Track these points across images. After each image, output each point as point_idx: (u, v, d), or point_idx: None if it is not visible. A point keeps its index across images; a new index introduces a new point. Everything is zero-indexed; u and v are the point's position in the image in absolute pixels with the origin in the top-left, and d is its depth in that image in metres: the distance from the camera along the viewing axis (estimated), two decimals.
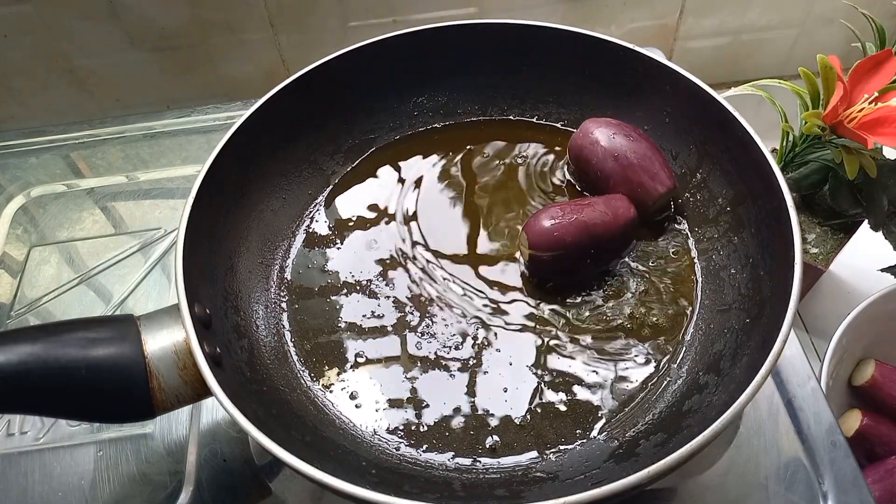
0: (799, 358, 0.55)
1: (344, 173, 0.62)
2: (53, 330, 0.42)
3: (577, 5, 0.88)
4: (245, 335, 0.49)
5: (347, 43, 0.58)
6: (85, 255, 0.66)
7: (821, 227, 0.70)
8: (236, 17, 0.84)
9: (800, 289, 0.42)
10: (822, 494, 0.48)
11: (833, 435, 0.51)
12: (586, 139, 0.56)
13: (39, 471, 0.52)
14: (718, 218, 0.54)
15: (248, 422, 0.39)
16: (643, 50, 0.57)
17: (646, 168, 0.54)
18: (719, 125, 0.52)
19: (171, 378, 0.42)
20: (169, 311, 0.44)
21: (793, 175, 0.67)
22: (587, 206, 0.52)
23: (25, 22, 0.81)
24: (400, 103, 0.63)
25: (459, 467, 0.45)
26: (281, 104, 0.56)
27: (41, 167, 0.74)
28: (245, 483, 0.51)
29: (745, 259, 0.50)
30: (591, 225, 0.51)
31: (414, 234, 0.57)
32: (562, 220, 0.51)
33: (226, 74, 0.91)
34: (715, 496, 0.49)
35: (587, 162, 0.56)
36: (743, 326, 0.47)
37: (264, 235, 0.56)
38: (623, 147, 0.54)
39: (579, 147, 0.56)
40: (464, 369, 0.49)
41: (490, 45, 0.61)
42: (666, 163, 0.55)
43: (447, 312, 0.52)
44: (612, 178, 0.55)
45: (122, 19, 0.83)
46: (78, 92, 0.90)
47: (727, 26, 0.93)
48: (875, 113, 0.55)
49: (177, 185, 0.71)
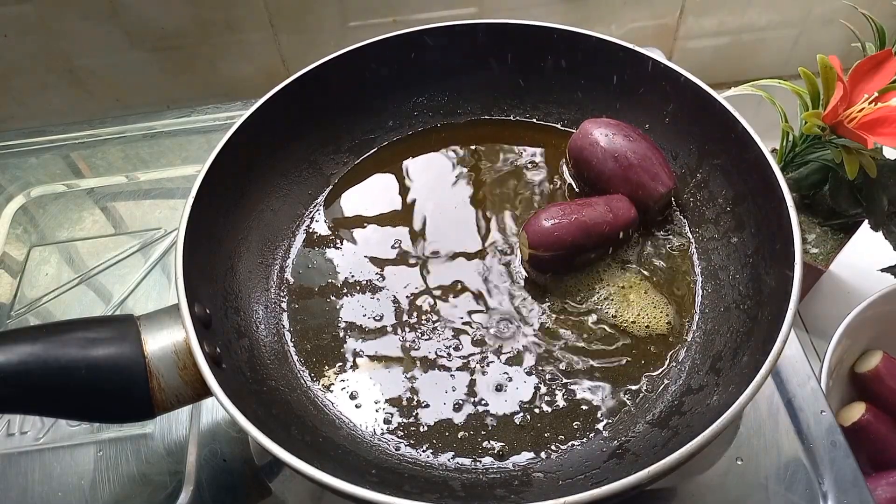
0: (799, 358, 0.55)
1: (344, 173, 0.62)
2: (53, 330, 0.42)
3: (577, 5, 0.88)
4: (245, 335, 0.49)
5: (347, 43, 0.58)
6: (85, 255, 0.66)
7: (821, 227, 0.70)
8: (236, 16, 0.84)
9: (800, 289, 0.42)
10: (822, 494, 0.48)
11: (833, 435, 0.51)
12: (586, 140, 0.56)
13: (39, 471, 0.52)
14: (718, 218, 0.54)
15: (248, 422, 0.39)
16: (643, 50, 0.57)
17: (646, 168, 0.54)
18: (719, 125, 0.52)
19: (171, 378, 0.42)
20: (169, 311, 0.44)
21: (793, 175, 0.67)
22: (587, 206, 0.52)
23: (25, 22, 0.81)
24: (400, 103, 0.63)
25: (459, 467, 0.45)
26: (281, 104, 0.56)
27: (41, 167, 0.74)
28: (245, 483, 0.51)
29: (745, 259, 0.50)
30: (590, 225, 0.51)
31: (414, 233, 0.57)
32: (562, 220, 0.51)
33: (226, 74, 0.91)
34: (715, 496, 0.49)
35: (587, 163, 0.56)
36: (743, 326, 0.47)
37: (264, 235, 0.56)
38: (623, 147, 0.54)
39: (579, 148, 0.56)
40: (463, 369, 0.49)
41: (490, 46, 0.61)
42: (666, 162, 0.55)
43: (447, 312, 0.52)
44: (612, 179, 0.55)
45: (122, 19, 0.83)
46: (78, 92, 0.90)
47: (727, 26, 0.93)
48: (875, 113, 0.55)
49: (177, 185, 0.71)
